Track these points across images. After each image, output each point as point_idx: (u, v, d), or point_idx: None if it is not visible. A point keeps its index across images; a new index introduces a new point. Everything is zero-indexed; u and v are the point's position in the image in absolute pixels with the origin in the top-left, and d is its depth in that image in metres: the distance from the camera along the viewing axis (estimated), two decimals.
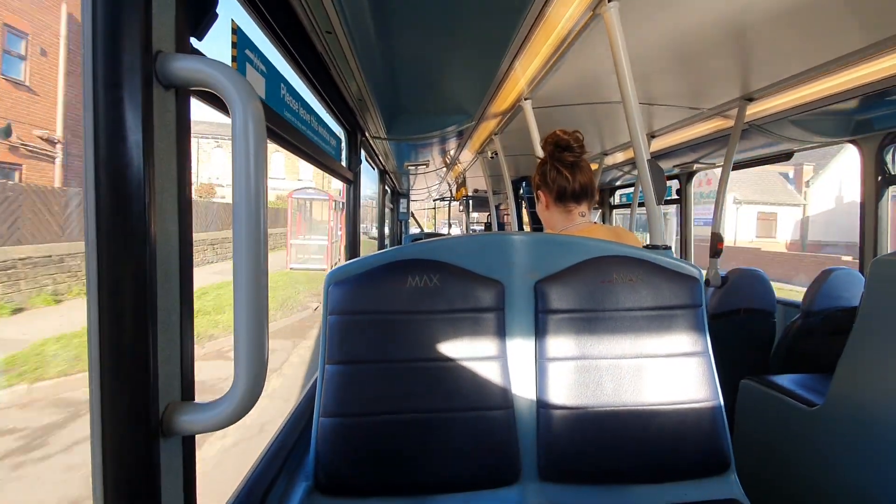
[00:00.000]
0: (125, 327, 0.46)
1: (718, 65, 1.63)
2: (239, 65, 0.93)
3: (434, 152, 3.51)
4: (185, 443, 0.54)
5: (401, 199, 7.46)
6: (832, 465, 1.30)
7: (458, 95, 2.11)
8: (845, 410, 1.28)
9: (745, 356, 2.20)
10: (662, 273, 1.03)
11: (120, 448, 0.46)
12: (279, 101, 1.18)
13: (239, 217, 0.49)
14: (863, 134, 2.19)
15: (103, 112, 0.45)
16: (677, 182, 3.58)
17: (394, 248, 1.01)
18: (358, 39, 1.34)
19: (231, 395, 0.50)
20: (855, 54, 1.45)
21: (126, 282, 0.46)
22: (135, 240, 0.46)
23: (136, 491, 0.47)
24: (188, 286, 0.54)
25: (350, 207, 2.26)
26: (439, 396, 0.94)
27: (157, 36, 0.48)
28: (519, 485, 0.96)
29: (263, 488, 0.86)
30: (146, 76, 0.47)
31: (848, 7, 1.18)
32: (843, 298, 1.96)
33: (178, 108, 0.53)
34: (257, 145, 0.49)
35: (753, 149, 2.68)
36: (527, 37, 1.37)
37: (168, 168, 0.51)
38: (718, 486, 0.98)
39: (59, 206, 8.41)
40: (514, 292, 1.02)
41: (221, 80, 0.49)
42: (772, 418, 1.56)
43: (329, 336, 0.94)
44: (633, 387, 0.97)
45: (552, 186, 1.37)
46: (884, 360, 1.18)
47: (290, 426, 1.13)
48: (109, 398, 0.46)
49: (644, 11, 1.23)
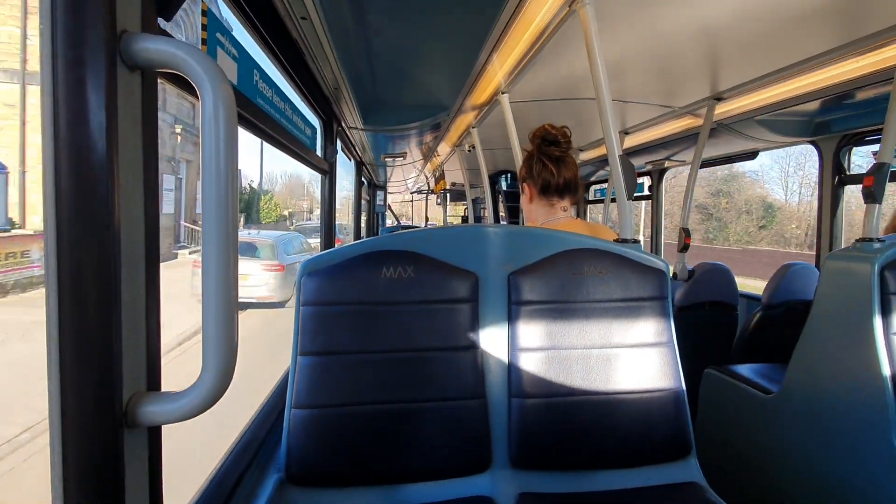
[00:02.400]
0: (86, 315, 0.45)
1: (690, 64, 1.68)
2: (209, 49, 0.90)
3: (411, 144, 3.49)
4: (150, 434, 0.53)
5: (378, 191, 7.40)
6: (786, 449, 1.38)
7: (435, 87, 2.10)
8: (799, 398, 1.35)
9: (709, 346, 2.29)
10: (631, 266, 1.06)
11: (81, 439, 0.45)
12: (252, 88, 1.15)
13: (208, 204, 0.48)
14: (822, 135, 2.29)
15: (63, 92, 0.43)
16: (649, 178, 3.67)
17: (369, 239, 1.01)
18: (334, 26, 1.32)
19: (199, 385, 0.49)
20: (817, 57, 1.51)
21: (87, 268, 0.44)
22: (97, 225, 0.45)
23: (98, 483, 0.45)
24: (154, 274, 0.53)
25: (325, 198, 2.23)
26: (413, 387, 0.95)
27: (121, 14, 0.46)
28: (490, 472, 0.98)
29: (233, 481, 0.86)
30: (110, 56, 0.45)
31: (813, 12, 1.23)
32: (800, 292, 2.06)
33: (144, 90, 0.51)
34: (228, 131, 0.48)
35: (721, 147, 2.77)
36: (504, 30, 1.38)
37: (133, 152, 0.49)
38: (680, 470, 1.02)
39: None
40: (489, 284, 1.03)
41: (189, 62, 0.48)
42: (731, 405, 1.64)
43: (302, 327, 0.93)
44: (601, 376, 1.01)
45: (537, 179, 1.39)
46: (834, 350, 1.26)
47: (260, 418, 1.12)
48: (70, 387, 0.44)
49: (619, 9, 1.25)
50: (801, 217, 20.35)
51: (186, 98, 0.85)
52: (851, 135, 2.22)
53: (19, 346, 6.13)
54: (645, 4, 1.22)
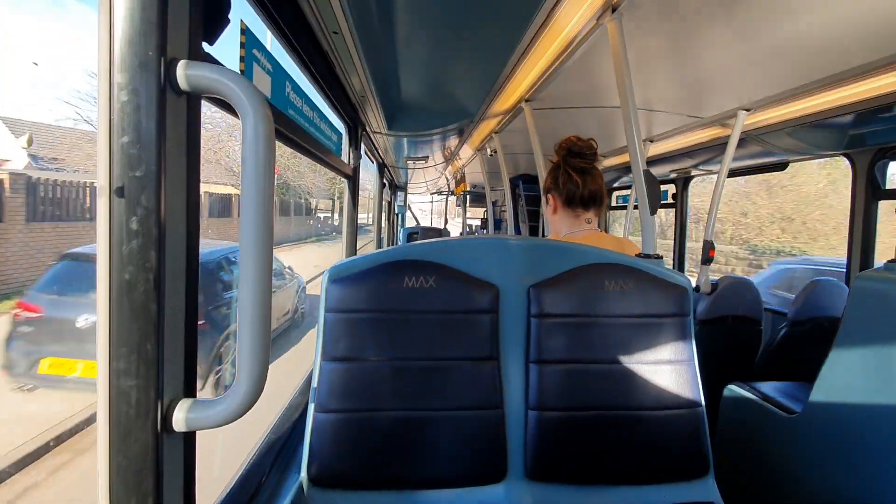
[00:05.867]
0: (134, 325, 0.48)
1: (719, 75, 1.65)
2: (246, 64, 0.94)
3: (434, 148, 3.52)
4: (186, 439, 0.56)
5: (398, 192, 7.46)
6: (807, 473, 1.34)
7: (459, 95, 2.12)
8: (822, 419, 1.32)
9: (731, 362, 2.25)
10: (653, 282, 1.05)
11: (126, 443, 0.48)
12: (283, 99, 1.19)
13: (247, 219, 0.51)
14: (856, 148, 2.23)
15: (117, 118, 0.47)
16: (674, 187, 3.61)
17: (392, 248, 1.03)
18: (364, 39, 1.34)
19: (233, 392, 0.52)
20: (852, 70, 1.47)
21: (136, 282, 0.48)
22: (146, 241, 0.48)
23: (139, 484, 0.49)
24: (193, 285, 0.56)
25: (349, 203, 2.27)
26: (431, 395, 0.96)
27: (171, 43, 0.49)
28: (505, 482, 0.99)
29: (257, 481, 0.89)
30: (160, 83, 0.48)
31: (847, 27, 1.20)
32: (827, 309, 2.00)
33: (189, 113, 0.54)
34: (266, 150, 0.51)
35: (750, 157, 2.71)
36: (530, 43, 1.39)
37: (178, 172, 0.52)
38: (697, 489, 1.01)
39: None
40: (509, 296, 1.04)
41: (233, 87, 0.50)
42: (752, 424, 1.60)
43: (325, 333, 0.96)
44: (619, 391, 1.00)
45: (562, 190, 1.39)
46: (862, 372, 1.22)
47: (283, 421, 1.16)
48: (117, 394, 0.47)
49: (647, 22, 1.25)
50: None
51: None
52: (888, 148, 2.14)
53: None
54: (675, 18, 1.21)
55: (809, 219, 14.49)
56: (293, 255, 13.51)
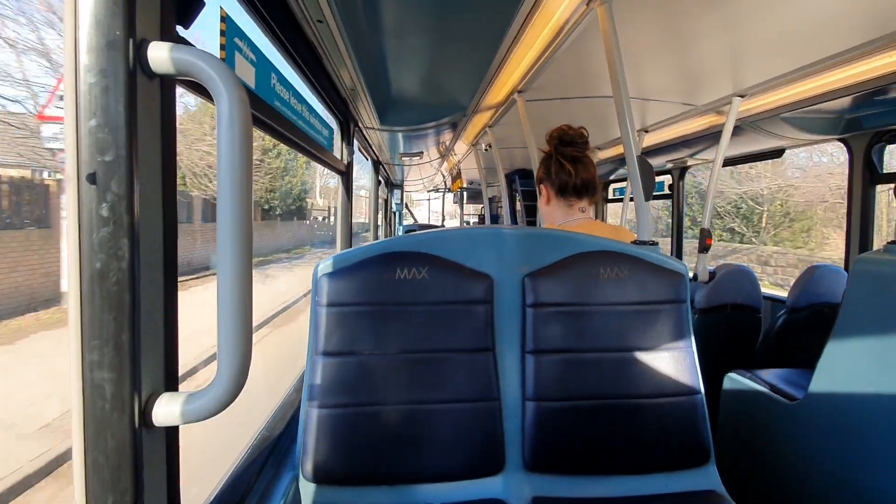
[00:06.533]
0: (107, 317, 0.46)
1: (712, 61, 1.63)
2: (227, 53, 0.92)
3: (428, 143, 3.50)
4: (168, 434, 0.54)
5: (395, 190, 7.43)
6: (809, 459, 1.33)
7: (451, 87, 2.10)
8: (824, 405, 1.31)
9: (731, 350, 2.24)
10: (649, 268, 1.04)
11: (102, 438, 0.46)
12: (269, 91, 1.17)
13: (224, 207, 0.49)
14: (852, 132, 2.21)
15: (84, 100, 0.45)
16: (669, 177, 3.60)
17: (384, 240, 1.01)
18: (349, 28, 1.32)
19: (215, 385, 0.50)
20: (846, 52, 1.45)
21: (108, 272, 0.46)
22: (116, 228, 0.46)
23: (118, 480, 0.47)
24: (172, 276, 0.54)
25: (343, 198, 2.26)
26: (427, 388, 0.95)
27: (140, 23, 0.47)
28: (503, 474, 0.98)
29: (250, 478, 0.87)
30: (129, 65, 0.46)
31: (841, 8, 1.19)
32: (826, 295, 1.99)
33: (163, 97, 0.52)
34: (243, 137, 0.49)
35: (745, 145, 2.69)
36: (520, 30, 1.37)
37: (153, 158, 0.51)
38: (698, 477, 1.00)
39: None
40: (503, 286, 1.03)
41: (206, 69, 0.48)
42: (753, 411, 1.59)
43: (317, 327, 0.94)
44: (617, 379, 0.99)
45: (554, 180, 1.38)
46: (863, 357, 1.21)
47: (276, 417, 1.14)
48: (92, 387, 0.46)
49: (638, 7, 1.23)
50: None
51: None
52: (884, 132, 2.13)
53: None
54: (666, 3, 1.20)
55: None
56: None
